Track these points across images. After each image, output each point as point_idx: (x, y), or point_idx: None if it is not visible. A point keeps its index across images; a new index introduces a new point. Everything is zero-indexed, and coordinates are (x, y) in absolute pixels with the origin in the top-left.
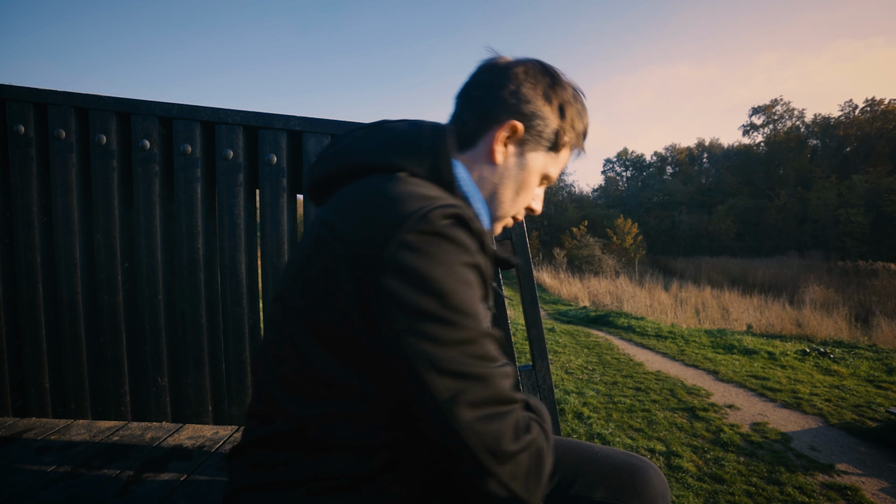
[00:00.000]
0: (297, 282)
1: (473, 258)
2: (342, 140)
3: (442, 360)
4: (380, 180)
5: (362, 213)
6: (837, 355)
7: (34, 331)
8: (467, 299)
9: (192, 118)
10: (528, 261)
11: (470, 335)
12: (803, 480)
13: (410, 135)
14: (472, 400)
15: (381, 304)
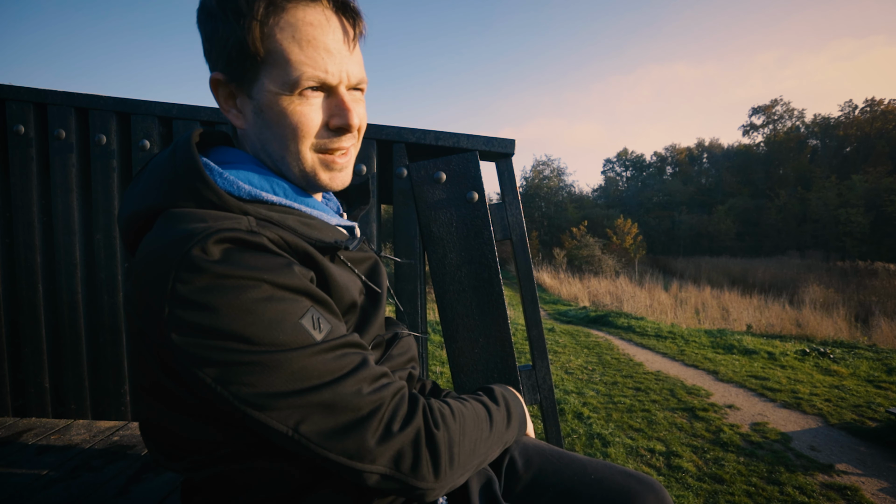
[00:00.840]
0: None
1: (267, 276)
2: (127, 191)
3: (268, 400)
4: (148, 235)
5: (139, 280)
6: (837, 355)
7: (34, 331)
8: (273, 328)
9: (192, 118)
10: (528, 261)
11: (290, 366)
12: (803, 480)
13: (164, 160)
14: (317, 423)
15: (183, 366)
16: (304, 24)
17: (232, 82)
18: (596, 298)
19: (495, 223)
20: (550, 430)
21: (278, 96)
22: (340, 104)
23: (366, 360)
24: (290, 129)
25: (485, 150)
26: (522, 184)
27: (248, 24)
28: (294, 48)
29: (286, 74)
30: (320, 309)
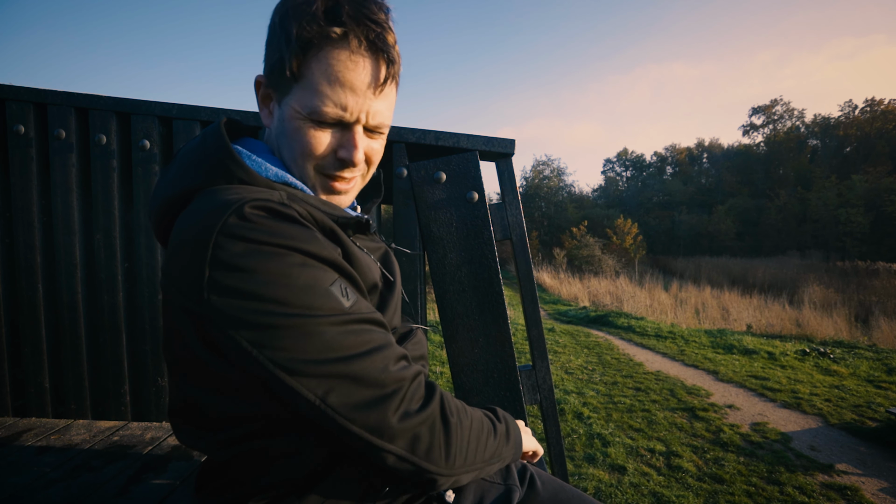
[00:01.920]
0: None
1: (300, 244)
2: (159, 181)
3: (301, 365)
4: (184, 213)
5: (178, 251)
6: (837, 355)
7: (34, 331)
8: (307, 293)
9: (192, 118)
10: (528, 261)
11: (323, 333)
12: (803, 480)
13: (195, 146)
14: (344, 394)
15: (220, 328)
16: (338, 63)
17: (270, 87)
18: (596, 298)
19: (495, 223)
20: (550, 430)
21: (299, 116)
22: (350, 140)
23: (390, 339)
24: (299, 146)
25: (485, 150)
26: (522, 184)
27: (292, 49)
28: (323, 82)
29: (310, 102)
30: (346, 282)
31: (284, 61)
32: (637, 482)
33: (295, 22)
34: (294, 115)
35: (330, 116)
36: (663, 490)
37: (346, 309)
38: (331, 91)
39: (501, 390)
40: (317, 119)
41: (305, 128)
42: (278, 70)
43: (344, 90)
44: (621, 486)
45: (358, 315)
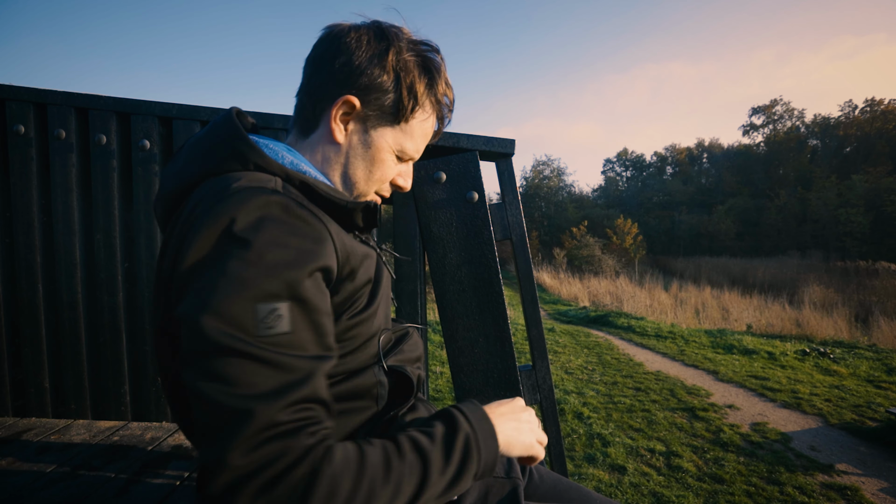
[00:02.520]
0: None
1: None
2: (164, 171)
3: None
4: (192, 196)
5: (180, 230)
6: (837, 355)
7: (34, 331)
8: (253, 316)
9: (192, 118)
10: (528, 261)
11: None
12: (803, 480)
13: (203, 135)
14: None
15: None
16: (429, 126)
17: (365, 111)
18: (596, 298)
19: (495, 223)
20: (550, 430)
21: (388, 149)
22: (408, 173)
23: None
24: (379, 172)
25: (485, 150)
26: (522, 184)
27: (412, 105)
28: (419, 134)
29: (403, 144)
30: (298, 309)
31: (400, 109)
32: (637, 482)
33: (416, 84)
34: (385, 146)
35: (409, 157)
36: (663, 490)
37: (274, 333)
38: (421, 142)
39: (501, 390)
40: (400, 156)
41: (389, 160)
42: (386, 109)
43: (423, 141)
44: (621, 486)
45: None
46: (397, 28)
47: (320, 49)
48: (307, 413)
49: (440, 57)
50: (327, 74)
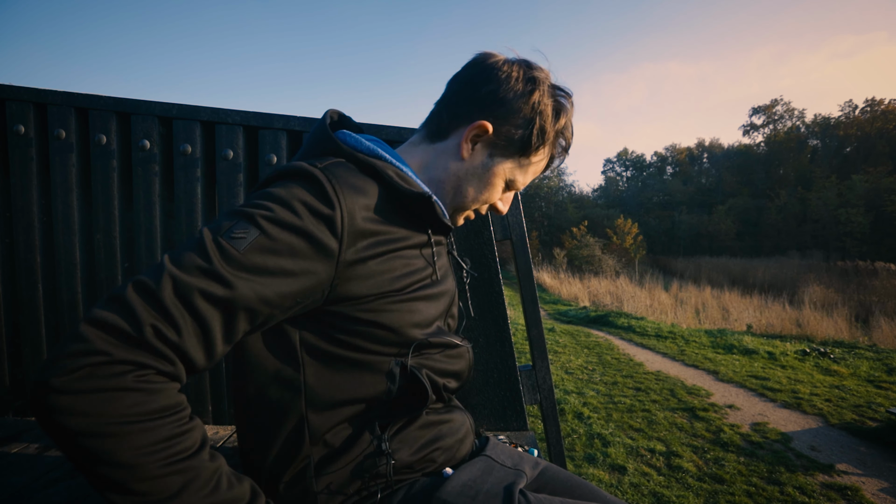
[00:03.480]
0: None
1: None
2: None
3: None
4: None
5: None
6: (837, 355)
7: (34, 331)
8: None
9: (192, 118)
10: (528, 261)
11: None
12: (803, 480)
13: (310, 136)
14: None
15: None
16: (543, 165)
17: (494, 138)
18: (596, 298)
19: (495, 223)
20: (550, 430)
21: (503, 177)
22: (508, 199)
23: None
24: (487, 195)
25: None
26: None
27: (539, 143)
28: (532, 171)
29: (517, 177)
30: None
31: (527, 146)
32: (637, 482)
33: (549, 127)
34: (500, 174)
35: (517, 188)
36: (663, 490)
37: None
38: (531, 177)
39: (501, 390)
40: (509, 185)
41: (499, 185)
42: (514, 142)
43: (531, 176)
44: (621, 486)
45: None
46: (543, 72)
47: (471, 72)
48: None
49: (571, 103)
50: (471, 96)
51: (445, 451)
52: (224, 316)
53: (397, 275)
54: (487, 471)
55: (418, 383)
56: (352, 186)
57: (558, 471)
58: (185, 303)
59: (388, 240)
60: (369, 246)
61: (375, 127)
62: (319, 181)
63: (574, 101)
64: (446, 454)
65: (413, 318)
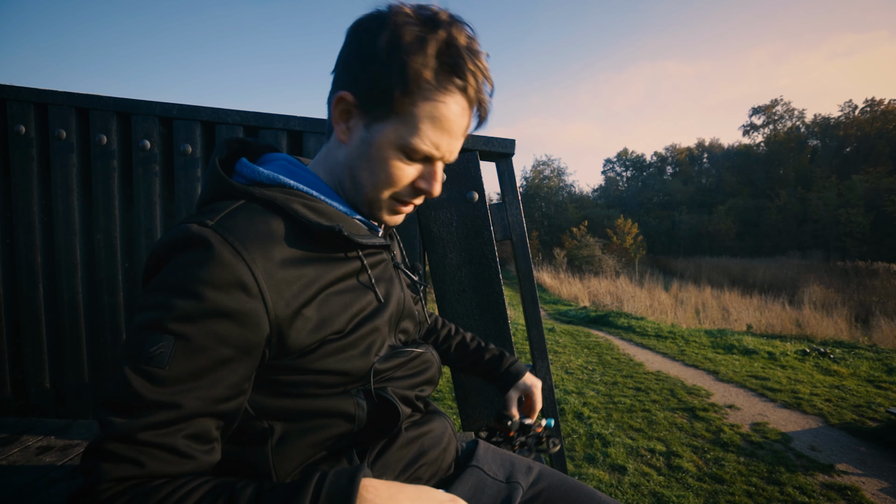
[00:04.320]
0: None
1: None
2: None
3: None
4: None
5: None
6: (837, 355)
7: (35, 331)
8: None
9: (192, 118)
10: (528, 261)
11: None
12: (803, 480)
13: (204, 177)
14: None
15: None
16: (447, 111)
17: (360, 108)
18: (596, 298)
19: (495, 223)
20: None
21: (390, 146)
22: (432, 174)
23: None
24: (384, 175)
25: (485, 150)
26: (522, 184)
27: (404, 86)
28: (427, 125)
29: (408, 139)
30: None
31: (390, 94)
32: (637, 482)
33: (409, 59)
34: (385, 144)
35: (422, 154)
36: (663, 490)
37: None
38: (431, 133)
39: None
40: (408, 154)
41: (393, 159)
42: (377, 98)
43: (443, 135)
44: (621, 486)
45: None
46: (397, 5)
47: (342, 46)
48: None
49: (449, 19)
50: (337, 70)
51: (430, 464)
52: (190, 431)
53: (338, 314)
54: (480, 488)
55: (388, 404)
56: (255, 234)
57: (553, 474)
58: (143, 446)
59: (315, 278)
60: (298, 292)
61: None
62: (211, 245)
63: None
64: (431, 468)
65: (363, 352)
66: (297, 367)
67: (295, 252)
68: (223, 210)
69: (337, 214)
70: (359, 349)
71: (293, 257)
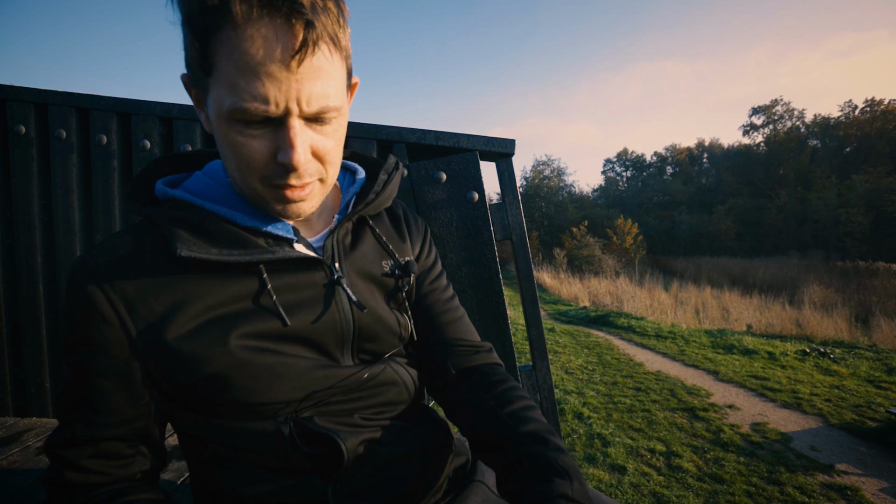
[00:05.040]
0: None
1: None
2: None
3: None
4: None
5: None
6: (837, 355)
7: (35, 331)
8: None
9: (192, 118)
10: (528, 261)
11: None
12: (803, 480)
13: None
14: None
15: None
16: (240, 42)
17: (193, 87)
18: (596, 298)
19: (495, 223)
20: None
21: (221, 119)
22: (285, 139)
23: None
24: (234, 156)
25: (485, 150)
26: (522, 184)
27: (193, 32)
28: (232, 71)
29: (226, 100)
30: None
31: (191, 50)
32: (637, 482)
33: (182, 5)
34: (216, 118)
35: (252, 114)
36: (663, 490)
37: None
38: (244, 81)
39: None
40: (240, 119)
41: (233, 133)
42: (191, 61)
43: (258, 77)
44: (621, 486)
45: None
46: None
47: None
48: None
49: None
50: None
51: (418, 484)
52: (91, 452)
53: (218, 342)
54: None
55: (320, 435)
56: (118, 261)
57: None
58: (58, 460)
59: (185, 302)
60: (165, 317)
61: (375, 127)
62: (73, 279)
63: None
64: (421, 488)
65: (267, 383)
66: (203, 397)
67: (165, 276)
68: (112, 236)
69: (222, 226)
70: (260, 381)
71: (162, 281)
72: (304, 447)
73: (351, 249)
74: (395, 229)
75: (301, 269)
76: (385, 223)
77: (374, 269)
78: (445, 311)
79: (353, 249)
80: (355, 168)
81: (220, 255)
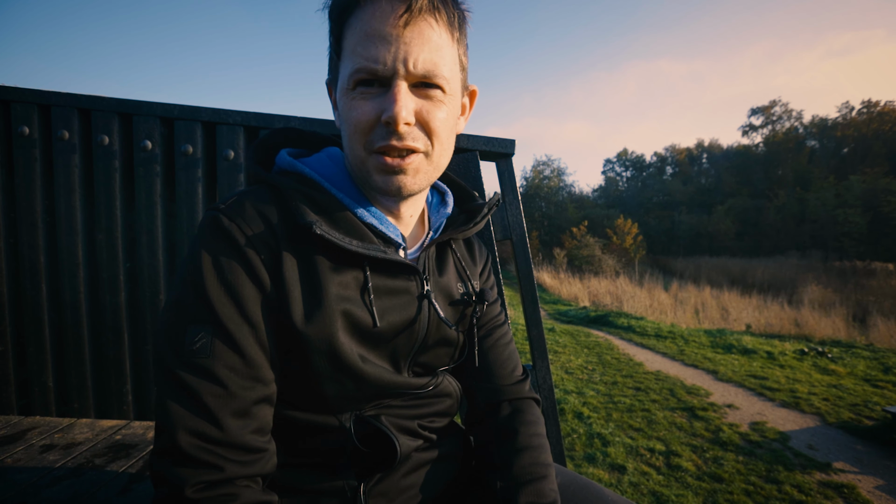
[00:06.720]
0: None
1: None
2: None
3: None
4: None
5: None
6: (835, 355)
7: (37, 330)
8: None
9: (193, 119)
10: (528, 261)
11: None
12: (801, 479)
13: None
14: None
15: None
16: (368, 16)
17: (331, 83)
18: (596, 298)
19: (495, 223)
20: (550, 429)
21: (343, 91)
22: (389, 97)
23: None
24: (348, 124)
25: (485, 150)
26: (522, 184)
27: (334, 21)
28: (354, 41)
29: (347, 68)
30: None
31: (331, 42)
32: (637, 481)
33: (327, 7)
34: (341, 95)
35: (364, 73)
36: (663, 489)
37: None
38: (361, 47)
39: None
40: (356, 83)
41: (348, 102)
42: (331, 56)
43: (372, 41)
44: (621, 485)
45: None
46: None
47: None
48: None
49: None
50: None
51: (436, 488)
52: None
53: (331, 325)
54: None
55: (381, 433)
56: (246, 215)
57: (562, 473)
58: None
59: (311, 276)
60: (291, 264)
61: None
62: (217, 220)
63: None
64: (439, 492)
65: (342, 380)
66: (290, 385)
67: (293, 245)
68: (236, 193)
69: (345, 214)
70: (347, 376)
71: (292, 249)
72: (360, 444)
73: (437, 267)
74: (469, 254)
75: (399, 275)
76: (461, 247)
77: (452, 290)
78: (489, 337)
79: (439, 268)
80: (444, 190)
81: (342, 241)
